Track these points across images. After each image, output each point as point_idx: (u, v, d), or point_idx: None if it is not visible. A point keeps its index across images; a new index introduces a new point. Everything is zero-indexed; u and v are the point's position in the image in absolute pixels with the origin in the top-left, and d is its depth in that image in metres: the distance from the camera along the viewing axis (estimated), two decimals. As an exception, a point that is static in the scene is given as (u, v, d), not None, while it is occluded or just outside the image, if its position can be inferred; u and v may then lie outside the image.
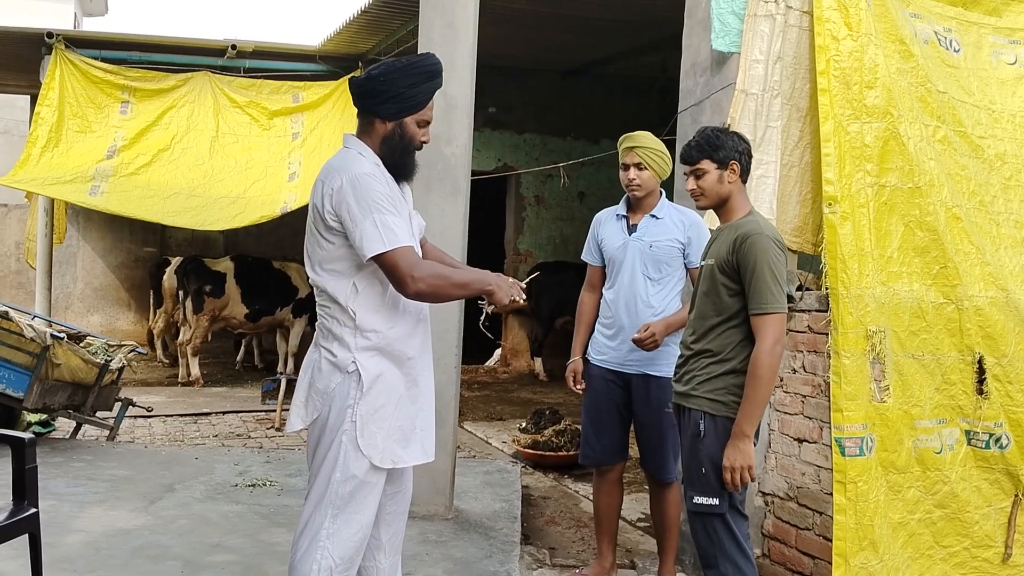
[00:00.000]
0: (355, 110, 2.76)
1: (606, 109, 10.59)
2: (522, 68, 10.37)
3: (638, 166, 3.74)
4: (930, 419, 3.65)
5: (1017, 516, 3.73)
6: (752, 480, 2.91)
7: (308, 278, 2.75)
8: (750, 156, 3.07)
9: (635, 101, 10.65)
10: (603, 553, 3.95)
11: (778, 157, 3.92)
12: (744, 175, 3.05)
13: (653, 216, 3.79)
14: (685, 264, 3.77)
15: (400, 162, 2.68)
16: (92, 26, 19.93)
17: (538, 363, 10.35)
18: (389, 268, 2.53)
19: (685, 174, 3.10)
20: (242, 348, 10.44)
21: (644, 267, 3.73)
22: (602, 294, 3.92)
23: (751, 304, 2.89)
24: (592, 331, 3.97)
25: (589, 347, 3.93)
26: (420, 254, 2.71)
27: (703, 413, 2.95)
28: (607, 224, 3.92)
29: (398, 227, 2.53)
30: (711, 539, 2.93)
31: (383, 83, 2.62)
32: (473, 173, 4.70)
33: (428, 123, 2.71)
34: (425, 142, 2.72)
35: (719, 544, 2.92)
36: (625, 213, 3.86)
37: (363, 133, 2.70)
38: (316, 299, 2.74)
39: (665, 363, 3.69)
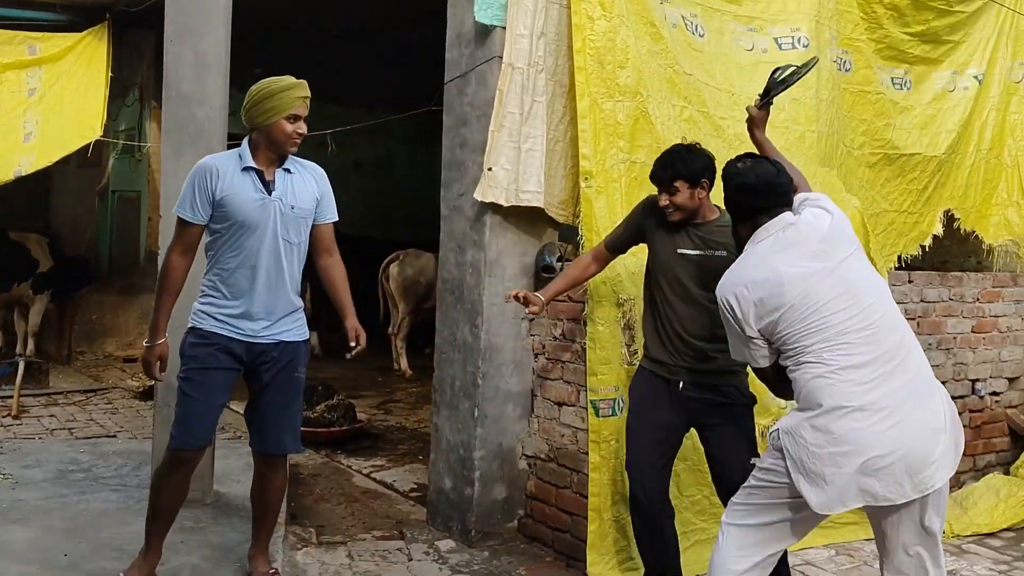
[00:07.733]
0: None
1: (383, 76, 10.40)
2: (295, 29, 9.93)
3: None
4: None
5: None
6: None
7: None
8: (714, 172, 3.16)
9: (412, 69, 10.52)
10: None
11: (544, 131, 4.02)
12: (711, 187, 3.18)
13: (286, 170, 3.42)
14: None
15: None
16: None
17: (313, 337, 10.11)
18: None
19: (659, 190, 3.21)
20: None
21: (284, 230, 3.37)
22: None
23: None
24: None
25: (195, 320, 3.31)
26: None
27: None
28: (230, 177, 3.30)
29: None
30: None
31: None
32: (233, 137, 4.44)
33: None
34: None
35: None
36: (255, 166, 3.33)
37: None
38: None
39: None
